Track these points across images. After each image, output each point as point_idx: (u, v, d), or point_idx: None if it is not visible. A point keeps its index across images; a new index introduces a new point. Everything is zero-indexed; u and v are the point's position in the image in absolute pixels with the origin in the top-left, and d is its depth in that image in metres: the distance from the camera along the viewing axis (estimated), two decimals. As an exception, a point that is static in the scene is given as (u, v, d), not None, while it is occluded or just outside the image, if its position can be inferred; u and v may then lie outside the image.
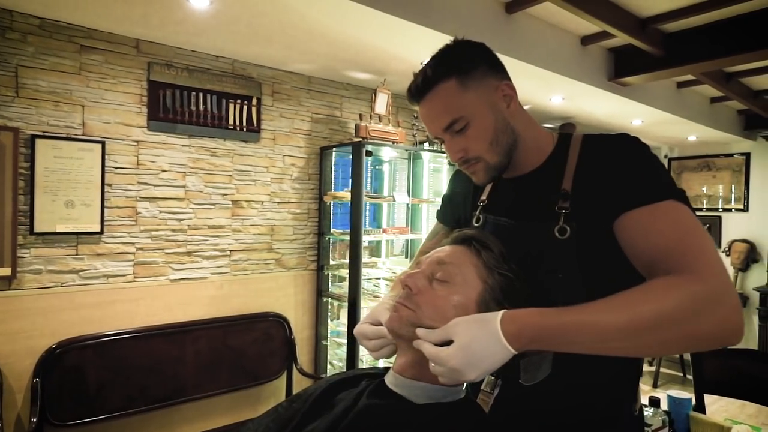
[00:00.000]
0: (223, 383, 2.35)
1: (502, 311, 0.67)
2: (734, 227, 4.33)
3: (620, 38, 2.36)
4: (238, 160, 2.50)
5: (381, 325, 0.86)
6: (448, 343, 0.68)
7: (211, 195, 2.42)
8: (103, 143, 2.07)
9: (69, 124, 2.01)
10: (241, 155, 2.51)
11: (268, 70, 2.57)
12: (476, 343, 0.66)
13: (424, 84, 0.81)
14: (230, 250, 2.49)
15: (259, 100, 2.54)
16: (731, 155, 4.43)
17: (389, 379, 0.82)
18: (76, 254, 2.05)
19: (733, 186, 4.42)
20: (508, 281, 0.78)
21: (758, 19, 2.18)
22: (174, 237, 2.31)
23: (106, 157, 2.09)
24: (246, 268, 2.55)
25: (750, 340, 4.02)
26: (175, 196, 2.31)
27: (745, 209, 4.31)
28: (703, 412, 1.90)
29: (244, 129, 2.50)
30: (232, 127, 2.45)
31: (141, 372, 2.11)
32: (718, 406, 3.40)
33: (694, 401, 1.67)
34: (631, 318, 0.62)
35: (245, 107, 2.49)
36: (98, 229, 2.08)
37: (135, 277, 2.20)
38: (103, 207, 2.09)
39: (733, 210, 4.36)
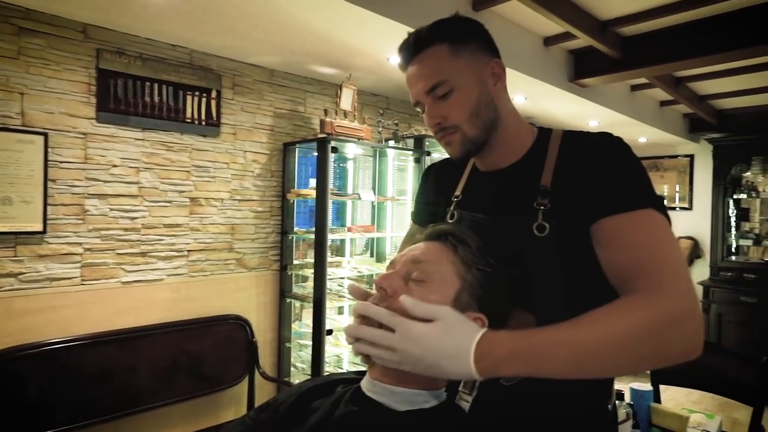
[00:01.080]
0: (180, 390, 2.23)
1: (483, 330, 0.64)
2: (680, 225, 4.56)
3: (581, 40, 2.42)
4: (196, 156, 2.38)
5: None
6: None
7: (167, 192, 2.29)
8: (45, 135, 1.91)
9: (5, 113, 1.84)
10: (200, 150, 2.39)
11: (228, 62, 2.46)
12: (455, 332, 0.64)
13: (417, 43, 0.81)
14: (188, 250, 2.37)
15: (218, 92, 2.43)
16: (677, 156, 4.67)
17: (366, 386, 0.77)
18: (15, 256, 1.88)
19: (678, 186, 4.67)
20: (486, 277, 0.75)
21: (708, 25, 2.29)
22: (126, 237, 2.17)
23: (50, 150, 1.93)
24: (205, 268, 2.43)
25: (695, 332, 4.25)
26: (127, 192, 2.16)
27: (690, 208, 4.56)
28: (660, 402, 1.97)
29: (203, 123, 2.38)
30: (189, 121, 2.33)
31: (90, 382, 1.96)
32: (667, 395, 3.57)
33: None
34: (603, 336, 0.62)
35: (204, 100, 2.37)
36: (40, 229, 1.91)
37: (83, 280, 2.05)
38: (45, 204, 1.92)
39: (678, 209, 4.60)
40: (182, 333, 2.27)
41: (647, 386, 1.65)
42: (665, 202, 0.75)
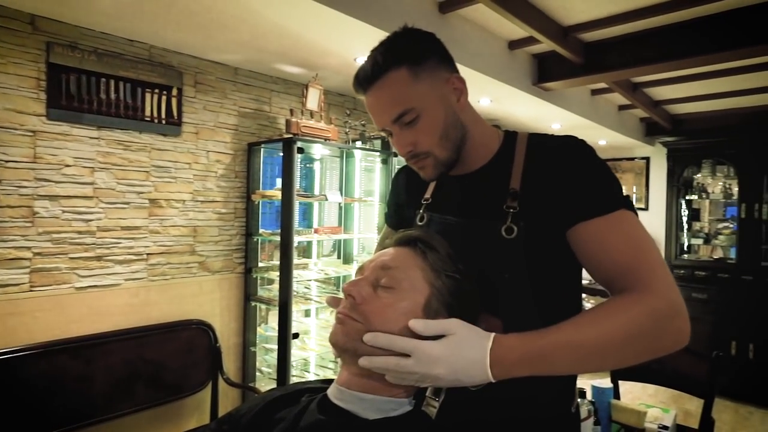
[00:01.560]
0: (139, 400, 2.14)
1: (493, 336, 0.66)
2: (637, 225, 4.75)
3: (544, 44, 2.47)
4: (156, 156, 2.29)
5: None
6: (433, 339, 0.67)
7: (125, 193, 2.19)
8: (-10, 133, 1.80)
9: (-55, 109, 1.72)
10: (160, 150, 2.30)
11: (190, 59, 2.38)
12: (468, 345, 0.65)
13: (374, 71, 0.78)
14: (147, 254, 2.28)
15: (180, 90, 2.35)
16: (634, 159, 4.86)
17: (333, 393, 0.76)
18: (-44, 261, 1.76)
19: (635, 187, 4.85)
20: (456, 283, 0.75)
21: (666, 33, 2.38)
22: (80, 240, 2.06)
23: (-6, 148, 1.82)
24: (165, 272, 2.35)
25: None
26: (81, 194, 2.06)
27: (646, 208, 4.75)
28: (618, 398, 2.04)
29: (163, 122, 2.29)
30: (149, 119, 2.24)
31: (40, 394, 1.86)
32: (624, 388, 3.71)
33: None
34: (602, 335, 0.66)
35: (164, 98, 2.29)
36: (-16, 232, 1.80)
37: (32, 287, 1.93)
38: (-10, 206, 1.81)
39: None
40: (141, 340, 2.18)
41: (607, 383, 1.70)
42: (634, 207, 0.78)
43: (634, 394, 3.64)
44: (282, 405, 0.80)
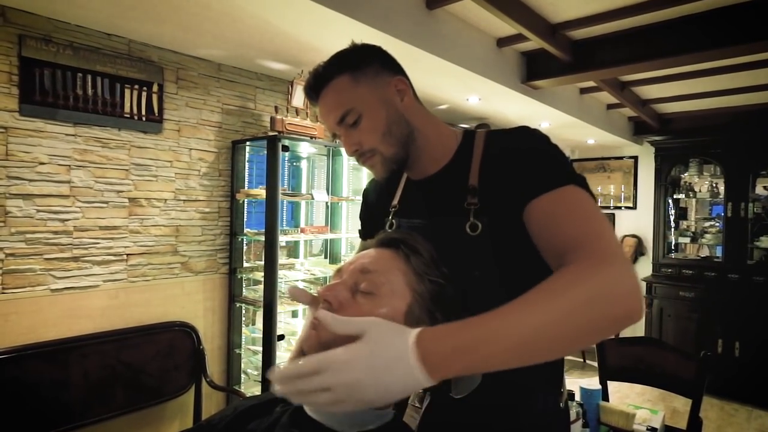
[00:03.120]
0: (117, 404, 2.07)
1: (417, 330, 0.57)
2: (625, 223, 4.77)
3: (533, 42, 2.45)
4: (136, 153, 2.22)
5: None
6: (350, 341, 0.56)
7: (103, 192, 2.12)
8: (-42, 129, 1.72)
9: None
10: (140, 148, 2.24)
11: (171, 54, 2.32)
12: (385, 341, 0.56)
13: (318, 81, 0.83)
14: (127, 254, 2.21)
15: (161, 86, 2.28)
16: (622, 158, 4.87)
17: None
18: None
19: (623, 186, 4.87)
20: (438, 288, 0.71)
21: (655, 31, 2.37)
22: (56, 240, 1.99)
23: (-37, 145, 1.75)
24: (146, 273, 2.28)
25: (637, 327, 4.45)
26: (57, 192, 1.99)
27: (634, 207, 4.76)
28: (607, 398, 2.03)
29: (144, 118, 2.23)
30: (128, 116, 2.17)
31: (13, 400, 1.79)
32: (612, 387, 3.73)
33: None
34: (549, 313, 0.57)
35: (144, 94, 2.22)
36: (-47, 233, 1.73)
37: (3, 289, 1.86)
38: (-41, 206, 1.74)
39: (623, 208, 4.80)
40: (119, 342, 2.12)
41: (596, 385, 1.68)
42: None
43: (621, 392, 3.66)
44: (255, 415, 0.76)
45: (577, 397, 1.63)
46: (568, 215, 0.70)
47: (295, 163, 3.06)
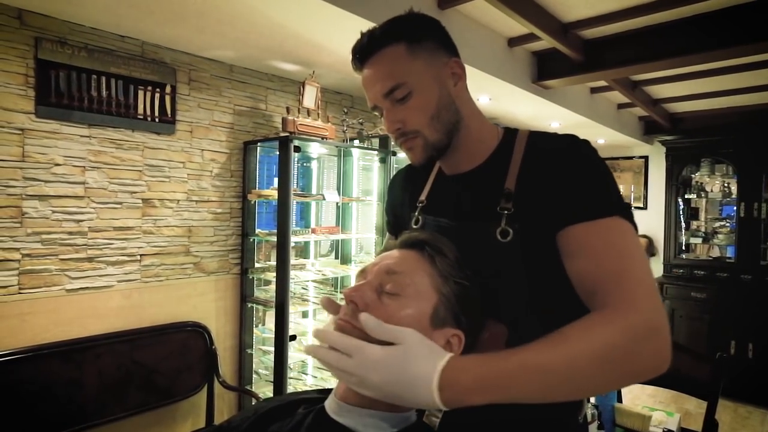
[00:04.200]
0: (131, 404, 2.09)
1: (449, 356, 0.60)
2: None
3: (544, 42, 2.44)
4: (149, 154, 2.24)
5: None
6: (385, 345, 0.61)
7: (117, 193, 2.14)
8: (-24, 131, 1.74)
9: (-71, 106, 1.67)
10: (153, 149, 2.25)
11: (183, 56, 2.33)
12: (416, 358, 0.59)
13: (371, 44, 0.76)
14: (140, 255, 2.23)
15: (173, 88, 2.30)
16: (632, 158, 4.83)
17: (331, 407, 0.71)
18: (-59, 263, 1.71)
19: (633, 186, 4.84)
20: (464, 290, 0.71)
21: (667, 30, 2.35)
22: (71, 240, 2.01)
23: (-19, 147, 1.77)
24: (159, 273, 2.30)
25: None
26: (72, 193, 2.01)
27: (645, 207, 4.73)
28: (621, 401, 2.01)
29: (157, 120, 2.24)
30: (141, 117, 2.19)
31: (28, 399, 1.81)
32: (623, 390, 3.71)
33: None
34: (572, 358, 0.59)
35: (157, 95, 2.24)
36: (-29, 233, 1.75)
37: (20, 289, 1.88)
38: (-23, 206, 1.76)
39: (633, 208, 4.76)
40: (133, 342, 2.13)
41: (610, 386, 1.67)
42: (632, 216, 0.72)
43: (633, 394, 3.63)
44: (276, 417, 0.76)
45: (592, 399, 1.62)
46: (605, 252, 0.67)
47: (305, 164, 3.07)
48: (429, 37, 0.77)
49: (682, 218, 4.25)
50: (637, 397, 3.63)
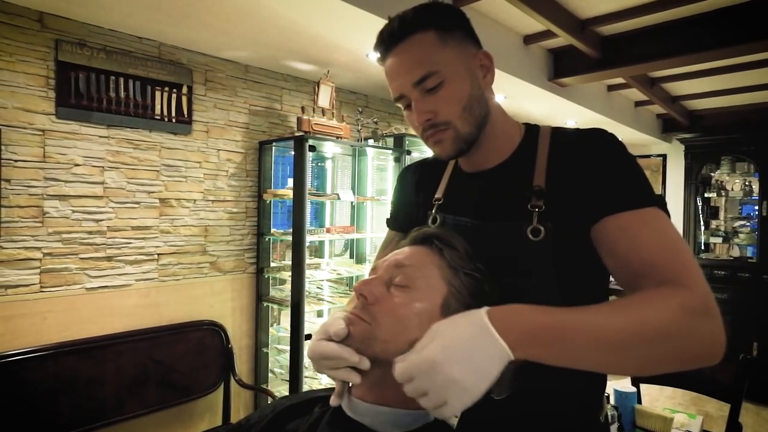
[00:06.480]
0: (149, 402, 2.11)
1: (484, 307, 0.57)
2: (653, 223, 4.65)
3: (560, 39, 2.41)
4: (166, 154, 2.26)
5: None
6: None
7: (135, 192, 2.17)
8: (-1, 132, 1.78)
9: (-46, 108, 1.70)
10: (170, 149, 2.27)
11: (200, 56, 2.35)
12: (464, 341, 0.54)
13: (402, 29, 0.72)
14: (158, 254, 2.25)
15: (190, 88, 2.32)
16: (650, 156, 4.75)
17: (347, 405, 0.71)
18: (-34, 262, 1.75)
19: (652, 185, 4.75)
20: (475, 282, 0.69)
21: (686, 26, 2.31)
22: (91, 240, 2.04)
23: (3, 147, 1.80)
24: (177, 272, 2.32)
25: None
26: (91, 193, 2.04)
27: (663, 206, 4.65)
28: (641, 402, 1.97)
29: (173, 120, 2.26)
30: (159, 118, 2.21)
31: (49, 396, 1.84)
32: (641, 392, 3.65)
33: (636, 393, 1.72)
34: (630, 324, 0.56)
35: (174, 96, 2.26)
36: (-6, 232, 1.78)
37: (42, 287, 1.91)
38: None
39: (651, 207, 4.68)
40: (151, 341, 2.16)
41: (630, 387, 1.64)
42: (668, 210, 0.70)
43: (651, 395, 3.56)
44: (293, 415, 0.75)
45: (612, 400, 1.59)
46: (652, 238, 0.65)
47: (319, 163, 3.08)
48: (457, 25, 0.74)
49: (701, 217, 4.16)
50: (655, 399, 3.56)
